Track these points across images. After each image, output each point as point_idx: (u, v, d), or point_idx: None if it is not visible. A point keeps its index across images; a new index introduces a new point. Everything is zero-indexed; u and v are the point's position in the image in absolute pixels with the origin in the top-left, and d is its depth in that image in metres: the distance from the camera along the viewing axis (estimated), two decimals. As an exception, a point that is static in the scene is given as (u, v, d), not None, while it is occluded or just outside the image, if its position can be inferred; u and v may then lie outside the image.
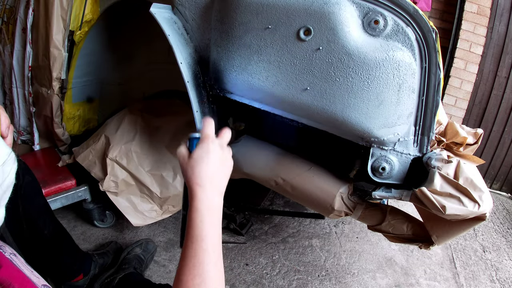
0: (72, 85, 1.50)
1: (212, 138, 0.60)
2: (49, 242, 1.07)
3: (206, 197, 0.56)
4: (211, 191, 0.57)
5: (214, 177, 0.58)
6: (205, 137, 0.60)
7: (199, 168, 0.57)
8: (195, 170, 0.57)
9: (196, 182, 0.57)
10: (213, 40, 0.96)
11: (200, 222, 0.55)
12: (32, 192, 1.02)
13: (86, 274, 1.22)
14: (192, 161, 0.58)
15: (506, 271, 1.68)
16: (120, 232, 1.55)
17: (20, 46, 1.39)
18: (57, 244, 1.10)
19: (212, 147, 0.59)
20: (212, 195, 0.57)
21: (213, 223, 0.56)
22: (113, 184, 1.34)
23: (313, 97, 0.87)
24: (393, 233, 1.05)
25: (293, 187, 1.14)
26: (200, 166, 0.57)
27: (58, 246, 1.11)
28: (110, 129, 1.42)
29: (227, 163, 0.62)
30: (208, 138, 0.60)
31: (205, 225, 0.55)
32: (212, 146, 0.59)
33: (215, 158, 0.59)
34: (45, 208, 1.09)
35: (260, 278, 1.42)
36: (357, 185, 1.22)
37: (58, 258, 1.12)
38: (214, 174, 0.58)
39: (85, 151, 1.40)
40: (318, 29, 0.81)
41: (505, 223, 2.12)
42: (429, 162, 0.88)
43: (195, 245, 0.53)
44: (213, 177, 0.58)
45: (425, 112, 0.87)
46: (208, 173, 0.57)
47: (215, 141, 0.60)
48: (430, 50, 0.81)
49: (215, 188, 0.58)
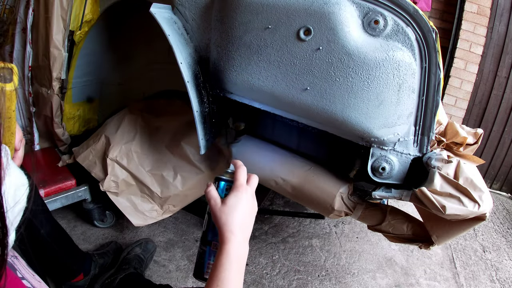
0: (72, 85, 1.50)
1: (246, 187, 0.63)
2: (46, 241, 1.07)
3: (238, 243, 0.59)
4: (242, 239, 0.60)
5: (244, 224, 0.61)
6: (240, 185, 0.62)
7: (232, 216, 0.59)
8: (228, 217, 0.59)
9: (230, 230, 0.59)
10: (213, 40, 0.96)
11: (228, 267, 0.56)
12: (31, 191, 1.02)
13: (86, 274, 1.22)
14: (226, 208, 0.60)
15: (506, 271, 1.68)
16: (120, 232, 1.55)
17: (20, 46, 1.38)
18: (55, 244, 1.10)
19: (245, 197, 0.62)
20: (242, 242, 0.60)
21: (240, 270, 0.58)
22: (114, 184, 1.34)
23: (313, 97, 0.87)
24: (393, 233, 1.05)
25: (293, 187, 1.14)
26: (233, 214, 0.60)
27: (56, 246, 1.11)
28: (110, 129, 1.42)
29: (254, 210, 0.65)
30: (242, 187, 0.62)
31: (233, 271, 0.56)
32: (245, 196, 0.62)
33: (248, 208, 0.62)
34: (41, 208, 1.08)
35: (260, 278, 1.42)
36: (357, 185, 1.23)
37: (56, 258, 1.12)
38: (245, 222, 0.61)
39: (85, 151, 1.40)
40: (318, 29, 0.81)
41: (505, 223, 2.12)
42: (429, 162, 0.88)
43: None
44: (244, 225, 0.61)
45: (425, 112, 0.87)
46: (240, 222, 0.60)
47: (248, 190, 0.63)
48: (430, 50, 0.81)
49: (245, 236, 0.61)
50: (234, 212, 0.60)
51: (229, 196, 0.61)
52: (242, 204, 0.61)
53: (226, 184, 0.64)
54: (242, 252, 0.59)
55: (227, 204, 0.60)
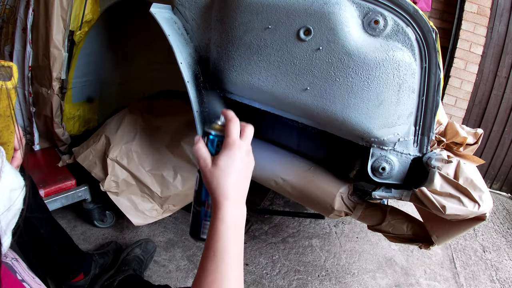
0: (72, 85, 1.50)
1: (239, 144, 0.55)
2: (46, 241, 1.07)
3: (233, 207, 0.53)
4: (237, 201, 0.54)
5: (239, 185, 0.55)
6: (232, 143, 0.54)
7: (225, 179, 0.53)
8: (220, 181, 0.53)
9: (223, 194, 0.53)
10: (213, 40, 0.96)
11: (225, 234, 0.51)
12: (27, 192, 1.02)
13: (86, 274, 1.22)
14: (218, 170, 0.53)
15: (506, 271, 1.68)
16: (120, 232, 1.55)
17: (20, 46, 1.38)
18: (55, 244, 1.10)
19: (239, 155, 0.54)
20: (238, 204, 0.54)
21: (238, 236, 0.53)
22: (114, 184, 1.34)
23: (313, 97, 0.87)
24: (393, 233, 1.05)
25: (293, 187, 1.14)
26: (226, 177, 0.53)
27: (56, 246, 1.11)
28: (110, 129, 1.42)
29: (251, 167, 0.59)
30: (235, 144, 0.54)
31: (230, 238, 0.51)
32: (239, 154, 0.54)
33: (243, 167, 0.55)
34: (41, 208, 1.09)
35: (260, 278, 1.42)
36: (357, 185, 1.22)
37: (56, 258, 1.12)
38: (240, 183, 0.55)
39: (85, 151, 1.40)
40: (318, 29, 0.81)
41: (505, 223, 2.12)
42: (429, 162, 0.88)
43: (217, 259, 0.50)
44: (239, 186, 0.55)
45: (425, 112, 0.87)
46: (234, 183, 0.53)
47: (242, 146, 0.55)
48: (430, 50, 0.81)
49: (241, 197, 0.55)
50: (226, 175, 0.53)
51: (220, 155, 0.53)
52: (235, 164, 0.53)
53: (217, 139, 0.56)
54: (238, 216, 0.53)
55: (218, 166, 0.53)
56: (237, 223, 0.53)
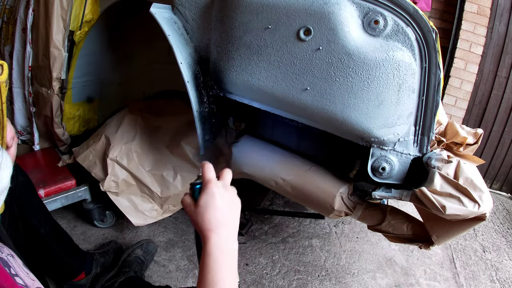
0: (72, 85, 1.50)
1: (215, 182, 0.59)
2: (47, 241, 1.07)
3: (219, 240, 0.55)
4: (224, 235, 0.56)
5: (224, 220, 0.57)
6: (208, 182, 0.58)
7: (208, 214, 0.56)
8: (204, 216, 0.56)
9: (208, 228, 0.56)
10: (213, 40, 0.96)
11: (214, 267, 0.53)
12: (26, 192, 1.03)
13: (88, 273, 1.22)
14: (199, 208, 0.57)
15: (506, 271, 1.68)
16: (120, 232, 1.55)
17: (20, 46, 1.38)
18: (55, 243, 1.10)
19: (217, 191, 0.58)
20: (225, 238, 0.56)
21: (228, 267, 0.55)
22: (114, 184, 1.34)
23: (313, 97, 0.87)
24: (393, 233, 1.05)
25: (293, 187, 1.14)
26: (208, 211, 0.56)
27: (56, 245, 1.11)
28: (110, 129, 1.42)
29: (234, 204, 0.61)
30: (211, 183, 0.58)
31: (219, 270, 0.53)
32: (216, 189, 0.58)
33: (222, 201, 0.58)
34: (40, 208, 1.09)
35: (260, 278, 1.42)
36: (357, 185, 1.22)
37: (57, 257, 1.12)
38: (225, 217, 0.57)
39: (85, 151, 1.40)
40: (318, 29, 0.81)
41: (505, 223, 2.12)
42: (429, 162, 0.88)
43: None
44: (224, 220, 0.57)
45: (425, 112, 0.87)
46: (218, 217, 0.56)
47: (219, 184, 0.59)
48: (430, 50, 0.81)
49: (228, 231, 0.57)
50: (208, 209, 0.56)
51: (200, 196, 0.58)
52: (214, 200, 0.57)
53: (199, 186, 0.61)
54: (227, 248, 0.56)
55: (199, 205, 0.57)
56: (225, 256, 0.55)
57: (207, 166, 0.61)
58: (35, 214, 1.04)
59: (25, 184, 1.03)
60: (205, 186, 0.58)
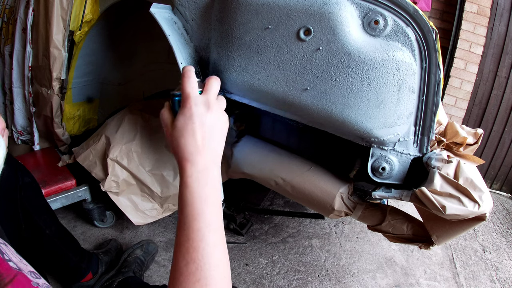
0: (72, 85, 1.50)
1: (194, 98, 0.50)
2: (53, 242, 1.07)
3: (196, 171, 0.48)
4: (202, 164, 0.48)
5: (204, 146, 0.49)
6: (186, 98, 0.49)
7: (184, 140, 0.48)
8: (180, 142, 0.49)
9: (183, 157, 0.48)
10: (213, 40, 0.96)
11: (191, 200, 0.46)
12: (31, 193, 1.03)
13: (94, 273, 1.22)
14: (176, 131, 0.49)
15: (506, 271, 1.68)
16: (120, 232, 1.55)
17: (20, 46, 1.38)
18: (62, 244, 1.11)
19: (196, 110, 0.49)
20: (203, 167, 0.48)
21: (208, 199, 0.47)
22: (114, 184, 1.34)
23: (313, 97, 0.87)
24: (393, 233, 1.05)
25: (293, 187, 1.14)
26: (184, 137, 0.48)
27: (63, 246, 1.11)
28: (110, 129, 1.42)
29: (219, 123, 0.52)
30: (189, 100, 0.49)
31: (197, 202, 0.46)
32: (195, 109, 0.49)
33: (202, 124, 0.49)
34: (45, 208, 1.09)
35: (260, 278, 1.42)
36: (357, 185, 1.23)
37: (63, 258, 1.12)
38: (204, 143, 0.49)
39: (85, 151, 1.40)
40: (318, 29, 0.81)
41: (505, 223, 2.12)
42: (429, 162, 0.88)
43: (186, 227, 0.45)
44: (203, 147, 0.49)
45: (425, 112, 0.87)
46: (197, 143, 0.48)
47: (198, 100, 0.50)
48: (430, 50, 0.81)
49: (207, 159, 0.49)
50: (185, 135, 0.48)
51: (177, 115, 0.50)
52: (194, 123, 0.49)
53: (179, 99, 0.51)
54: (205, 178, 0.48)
55: (175, 127, 0.49)
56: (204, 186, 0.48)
57: (187, 75, 0.51)
58: (41, 216, 1.05)
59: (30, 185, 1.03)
60: (183, 103, 0.50)
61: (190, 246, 0.44)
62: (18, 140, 1.57)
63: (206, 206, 0.47)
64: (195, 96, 0.50)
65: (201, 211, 0.46)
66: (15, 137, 1.55)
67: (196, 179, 0.48)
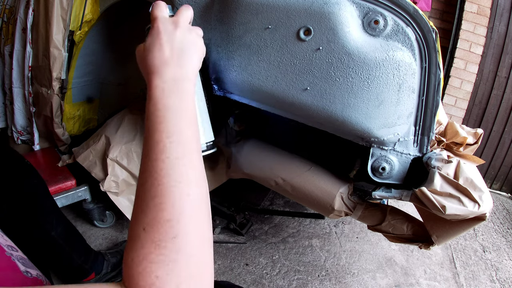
0: (72, 85, 1.50)
1: (162, 18, 0.48)
2: (58, 243, 1.07)
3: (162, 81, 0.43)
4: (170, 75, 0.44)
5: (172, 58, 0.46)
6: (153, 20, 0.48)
7: (151, 54, 0.46)
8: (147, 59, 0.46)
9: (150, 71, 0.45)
10: (213, 40, 0.96)
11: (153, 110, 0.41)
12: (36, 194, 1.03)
13: (98, 273, 1.22)
14: (144, 52, 0.48)
15: (506, 271, 1.68)
16: (120, 232, 1.55)
17: (20, 46, 1.38)
18: (66, 245, 1.11)
19: (163, 28, 0.47)
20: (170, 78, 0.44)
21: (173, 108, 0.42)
22: (114, 184, 1.34)
23: (313, 97, 0.87)
24: (393, 233, 1.05)
25: (293, 187, 1.14)
26: (152, 52, 0.46)
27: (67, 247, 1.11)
28: (110, 129, 1.42)
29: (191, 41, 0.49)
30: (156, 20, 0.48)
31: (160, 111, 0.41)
32: (162, 27, 0.47)
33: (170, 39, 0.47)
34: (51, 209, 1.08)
35: (260, 278, 1.42)
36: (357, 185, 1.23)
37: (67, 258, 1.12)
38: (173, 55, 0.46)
39: (85, 151, 1.40)
40: (318, 29, 0.81)
41: (505, 223, 2.12)
42: (429, 162, 0.88)
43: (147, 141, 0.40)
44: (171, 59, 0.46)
45: (425, 112, 0.87)
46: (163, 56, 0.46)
47: (166, 20, 0.49)
48: (430, 50, 0.81)
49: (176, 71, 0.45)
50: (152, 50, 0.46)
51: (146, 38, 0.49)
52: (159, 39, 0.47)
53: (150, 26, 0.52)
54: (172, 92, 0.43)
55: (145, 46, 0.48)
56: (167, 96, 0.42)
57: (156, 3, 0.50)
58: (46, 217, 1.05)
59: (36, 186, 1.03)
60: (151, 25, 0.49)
61: (149, 160, 0.38)
62: (18, 140, 1.57)
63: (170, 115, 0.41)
64: (162, 16, 0.49)
65: (162, 119, 0.40)
66: (15, 137, 1.55)
67: (161, 89, 0.43)
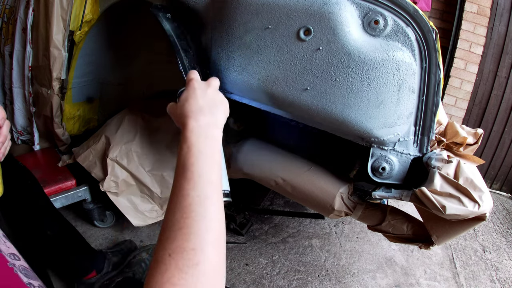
0: (72, 85, 1.50)
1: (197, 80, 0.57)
2: (54, 242, 1.08)
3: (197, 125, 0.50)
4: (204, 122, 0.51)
5: (205, 108, 0.53)
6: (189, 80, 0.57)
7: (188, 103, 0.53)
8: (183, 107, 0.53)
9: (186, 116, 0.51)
10: (213, 40, 0.96)
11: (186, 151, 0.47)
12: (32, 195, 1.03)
13: (99, 271, 1.23)
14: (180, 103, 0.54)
15: (506, 271, 1.68)
16: (120, 232, 1.55)
17: (20, 46, 1.38)
18: (63, 243, 1.11)
19: (198, 86, 0.56)
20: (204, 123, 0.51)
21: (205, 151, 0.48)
22: (114, 184, 1.34)
23: (313, 97, 0.87)
24: (393, 233, 1.05)
25: (293, 187, 1.14)
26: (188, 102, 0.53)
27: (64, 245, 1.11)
28: (110, 129, 1.42)
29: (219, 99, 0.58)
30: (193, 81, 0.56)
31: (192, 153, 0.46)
32: (197, 85, 0.56)
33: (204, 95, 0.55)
34: (47, 209, 1.09)
35: (260, 278, 1.42)
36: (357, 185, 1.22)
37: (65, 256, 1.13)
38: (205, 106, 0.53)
39: (85, 151, 1.40)
40: (318, 29, 0.81)
41: (505, 223, 2.12)
42: (429, 162, 0.88)
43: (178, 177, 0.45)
44: (204, 108, 0.53)
45: (425, 112, 0.87)
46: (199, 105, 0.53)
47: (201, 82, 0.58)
48: (430, 50, 0.81)
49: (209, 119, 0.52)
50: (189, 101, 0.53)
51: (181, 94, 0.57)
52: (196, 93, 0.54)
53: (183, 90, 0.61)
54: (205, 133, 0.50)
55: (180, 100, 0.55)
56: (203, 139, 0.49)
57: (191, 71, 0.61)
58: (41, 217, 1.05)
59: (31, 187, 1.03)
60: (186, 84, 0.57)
61: (180, 195, 0.43)
62: (18, 140, 1.57)
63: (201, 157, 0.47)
64: (198, 78, 0.58)
65: (195, 160, 0.46)
66: (15, 137, 1.55)
67: (196, 133, 0.49)
